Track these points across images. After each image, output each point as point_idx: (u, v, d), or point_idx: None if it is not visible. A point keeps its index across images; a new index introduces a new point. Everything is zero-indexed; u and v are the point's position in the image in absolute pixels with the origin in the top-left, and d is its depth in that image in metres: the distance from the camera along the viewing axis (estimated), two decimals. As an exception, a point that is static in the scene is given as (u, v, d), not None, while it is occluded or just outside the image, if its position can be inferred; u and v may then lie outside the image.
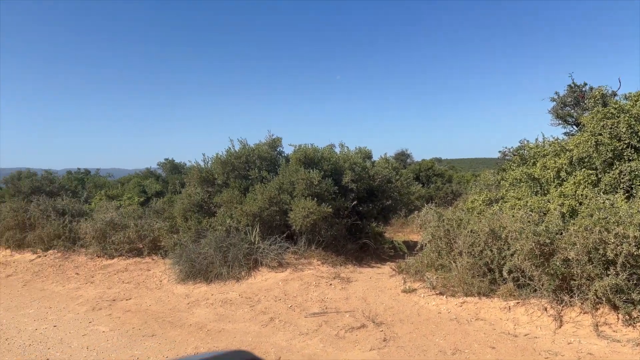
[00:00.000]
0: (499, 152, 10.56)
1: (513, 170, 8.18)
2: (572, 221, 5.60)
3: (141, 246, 9.75)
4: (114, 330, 5.60)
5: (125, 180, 19.77)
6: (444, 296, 6.08)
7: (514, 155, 8.78)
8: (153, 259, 9.34)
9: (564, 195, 6.45)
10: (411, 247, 9.32)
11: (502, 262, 5.69)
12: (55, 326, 5.84)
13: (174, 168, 19.12)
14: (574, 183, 6.49)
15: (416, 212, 8.57)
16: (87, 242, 9.92)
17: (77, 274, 8.68)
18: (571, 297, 5.14)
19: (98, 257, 9.63)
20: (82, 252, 9.96)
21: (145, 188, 16.94)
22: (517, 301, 5.48)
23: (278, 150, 10.39)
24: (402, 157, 21.94)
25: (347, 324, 5.38)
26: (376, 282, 7.22)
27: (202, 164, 10.16)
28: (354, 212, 9.35)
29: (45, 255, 10.11)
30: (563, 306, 5.13)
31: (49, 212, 11.13)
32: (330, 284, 7.00)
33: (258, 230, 8.26)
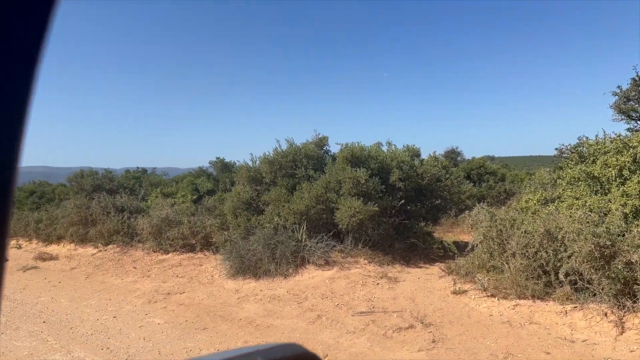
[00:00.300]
0: (556, 149, 10.05)
1: (571, 168, 7.79)
2: (635, 222, 5.27)
3: (194, 242, 10.09)
4: (169, 323, 5.83)
5: (179, 178, 20.52)
6: (496, 298, 5.90)
7: (572, 152, 8.35)
8: (205, 255, 9.65)
9: (626, 194, 6.08)
10: (461, 247, 9.10)
11: (559, 264, 5.44)
12: (114, 317, 6.16)
13: (224, 167, 19.65)
14: (639, 182, 6.10)
15: (467, 211, 8.33)
16: (143, 238, 10.40)
17: (135, 268, 9.11)
18: (634, 302, 4.84)
19: (154, 252, 10.07)
20: (139, 247, 10.44)
21: (198, 186, 17.50)
22: (574, 305, 5.23)
23: (324, 149, 10.45)
24: (452, 155, 21.41)
25: (394, 324, 5.34)
26: (425, 283, 7.11)
27: (250, 163, 10.40)
28: (402, 212, 9.24)
29: (106, 250, 10.69)
30: (625, 312, 4.84)
31: (109, 208, 11.74)
32: (378, 284, 6.96)
33: (305, 228, 8.35)
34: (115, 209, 11.82)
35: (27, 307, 6.74)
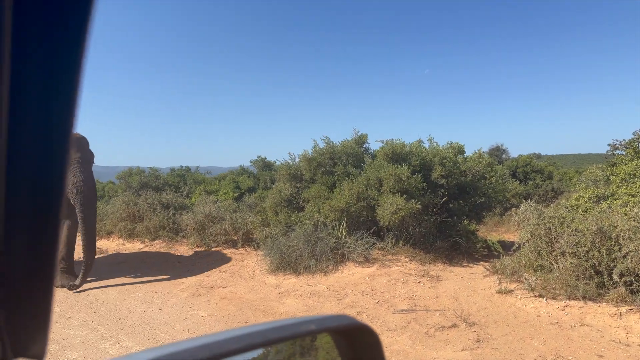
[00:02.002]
0: (609, 145, 9.57)
1: (625, 164, 7.40)
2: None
3: (236, 238, 10.27)
4: (212, 316, 5.96)
5: (221, 177, 20.98)
6: (544, 299, 5.67)
7: (627, 148, 7.93)
8: (246, 250, 9.81)
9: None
10: (506, 247, 8.82)
11: (612, 264, 5.17)
12: (160, 309, 6.36)
13: (265, 165, 19.93)
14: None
15: (513, 209, 8.05)
16: (188, 233, 10.68)
17: (179, 262, 9.38)
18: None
19: (197, 247, 10.33)
20: (184, 243, 10.74)
21: (239, 184, 17.83)
22: (629, 307, 4.95)
23: (364, 146, 10.39)
24: (497, 153, 20.77)
25: (437, 322, 5.23)
26: (468, 282, 6.93)
27: (289, 161, 10.53)
28: (444, 209, 9.04)
29: (152, 245, 11.05)
30: (688, 316, 4.54)
31: (155, 205, 12.13)
32: (419, 282, 6.85)
33: (345, 225, 8.32)
34: (161, 205, 12.19)
35: (79, 298, 7.07)
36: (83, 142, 8.25)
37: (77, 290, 7.48)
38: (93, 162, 8.47)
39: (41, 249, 0.58)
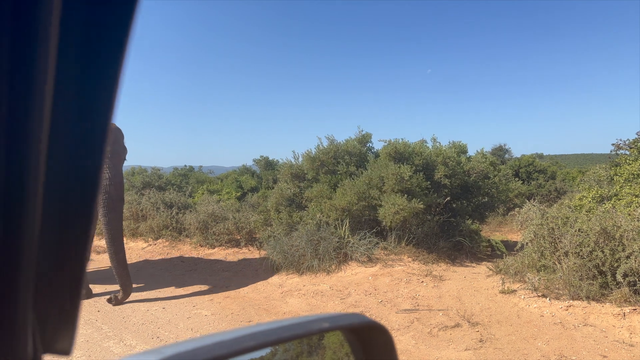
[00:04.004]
0: (612, 144, 9.55)
1: (629, 164, 7.38)
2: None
3: (238, 237, 10.29)
4: (215, 315, 5.98)
5: (224, 176, 21.01)
6: (547, 299, 5.66)
7: (631, 148, 7.91)
8: (249, 250, 9.82)
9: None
10: (510, 246, 8.82)
11: (616, 264, 5.16)
12: (163, 308, 6.38)
13: (267, 165, 19.94)
14: None
15: (516, 209, 8.04)
16: (191, 233, 10.70)
17: (182, 261, 9.40)
18: (703, 306, 4.53)
19: (200, 246, 10.35)
20: (187, 242, 10.76)
21: (242, 183, 17.84)
22: (633, 308, 4.94)
23: (367, 146, 10.39)
24: (500, 153, 20.69)
25: (440, 322, 5.23)
26: (471, 282, 6.93)
27: (292, 160, 10.53)
28: (447, 209, 9.05)
29: (155, 244, 11.07)
30: (692, 316, 4.53)
31: (159, 204, 12.15)
32: (422, 282, 6.85)
33: (347, 224, 8.32)
34: (164, 204, 12.21)
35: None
36: (117, 135, 7.14)
37: (117, 304, 6.61)
38: (125, 159, 7.27)
39: (72, 244, 0.59)
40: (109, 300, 6.57)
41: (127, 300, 6.72)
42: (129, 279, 6.73)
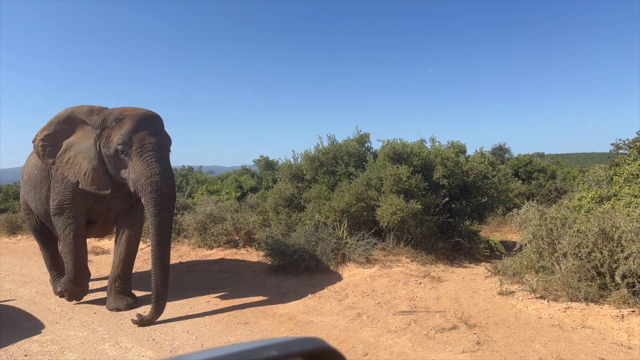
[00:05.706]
0: (612, 144, 9.49)
1: (629, 164, 7.34)
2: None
3: (237, 238, 10.26)
4: (212, 317, 5.95)
5: (224, 176, 21.00)
6: (546, 300, 5.63)
7: (630, 147, 7.86)
8: (247, 251, 9.79)
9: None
10: (509, 247, 8.77)
11: (615, 265, 5.12)
12: (161, 309, 6.34)
13: (267, 165, 19.92)
14: None
15: (515, 209, 8.00)
16: (189, 233, 10.68)
17: (181, 262, 9.37)
18: (702, 308, 4.49)
19: (199, 247, 10.33)
20: (186, 243, 10.73)
21: (242, 184, 17.84)
22: (631, 309, 4.90)
23: (366, 146, 10.36)
24: (500, 152, 20.60)
25: (437, 324, 5.20)
26: (469, 283, 6.89)
27: (292, 160, 10.50)
28: (446, 210, 9.00)
29: (154, 245, 11.05)
30: (691, 319, 4.49)
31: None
32: (420, 283, 6.82)
33: (345, 225, 8.29)
34: (163, 205, 12.16)
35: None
36: (157, 123, 6.19)
37: (143, 325, 5.67)
38: (170, 150, 6.23)
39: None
40: (134, 321, 5.63)
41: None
42: (165, 293, 5.78)
